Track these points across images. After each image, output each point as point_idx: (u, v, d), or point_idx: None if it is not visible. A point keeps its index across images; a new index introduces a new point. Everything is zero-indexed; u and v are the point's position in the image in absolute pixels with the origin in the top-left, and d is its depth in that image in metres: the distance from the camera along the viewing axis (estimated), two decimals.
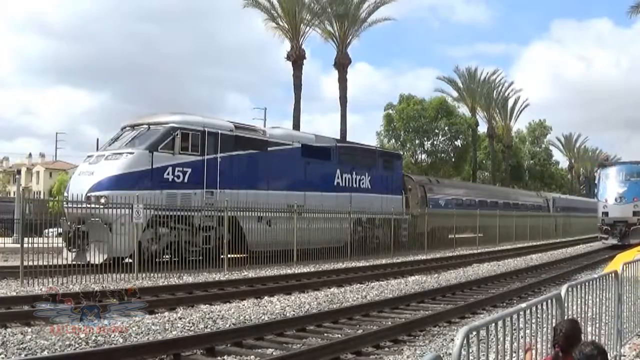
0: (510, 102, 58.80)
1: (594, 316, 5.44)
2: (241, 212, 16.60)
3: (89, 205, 14.17)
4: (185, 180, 16.03)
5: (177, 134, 15.95)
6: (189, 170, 16.12)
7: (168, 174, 15.68)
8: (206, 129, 16.75)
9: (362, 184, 22.84)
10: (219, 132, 17.13)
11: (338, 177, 21.66)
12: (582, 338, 3.67)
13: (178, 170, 15.89)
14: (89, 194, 14.42)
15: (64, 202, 14.99)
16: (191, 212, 15.70)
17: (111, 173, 14.95)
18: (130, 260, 13.87)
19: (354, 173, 22.41)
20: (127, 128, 16.88)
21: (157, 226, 14.91)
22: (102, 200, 14.27)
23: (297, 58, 32.37)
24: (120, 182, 14.80)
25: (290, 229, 18.09)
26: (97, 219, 14.21)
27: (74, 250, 14.11)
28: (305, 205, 19.06)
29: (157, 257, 14.77)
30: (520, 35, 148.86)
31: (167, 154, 15.72)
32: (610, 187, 26.98)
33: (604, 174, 27.75)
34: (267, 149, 18.74)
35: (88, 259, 13.73)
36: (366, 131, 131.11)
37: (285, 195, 18.94)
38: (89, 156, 16.70)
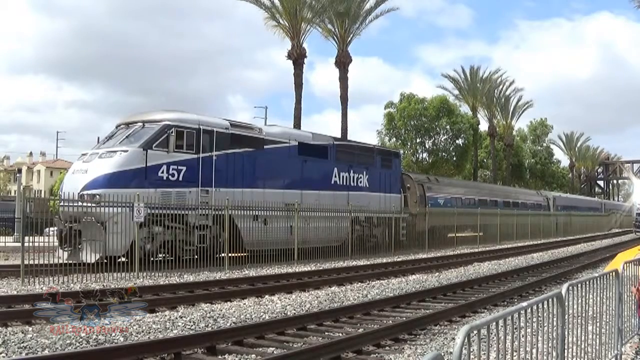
0: (513, 101, 58.97)
1: (594, 315, 5.44)
2: (237, 211, 16.54)
3: (81, 204, 14.02)
4: (180, 178, 15.92)
5: (172, 132, 15.76)
6: (184, 168, 16.01)
7: (162, 172, 15.54)
8: (201, 127, 16.65)
9: (360, 182, 22.75)
10: (214, 129, 17.02)
11: (335, 176, 21.58)
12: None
13: (173, 169, 15.75)
14: (82, 192, 14.31)
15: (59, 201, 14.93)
16: (186, 210, 15.62)
17: (105, 171, 14.85)
18: (125, 260, 13.83)
19: (352, 171, 22.32)
20: (122, 126, 16.76)
21: (152, 225, 14.79)
22: (96, 199, 14.20)
23: (297, 57, 32.28)
24: (113, 180, 14.68)
25: (287, 227, 18.03)
26: (90, 218, 14.10)
27: (67, 249, 14.06)
28: (302, 203, 19.01)
29: (152, 256, 14.72)
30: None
31: (161, 152, 15.58)
32: None
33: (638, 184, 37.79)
34: (263, 147, 18.63)
35: (81, 258, 13.66)
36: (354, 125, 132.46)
37: (281, 193, 18.88)
38: (83, 154, 16.55)
